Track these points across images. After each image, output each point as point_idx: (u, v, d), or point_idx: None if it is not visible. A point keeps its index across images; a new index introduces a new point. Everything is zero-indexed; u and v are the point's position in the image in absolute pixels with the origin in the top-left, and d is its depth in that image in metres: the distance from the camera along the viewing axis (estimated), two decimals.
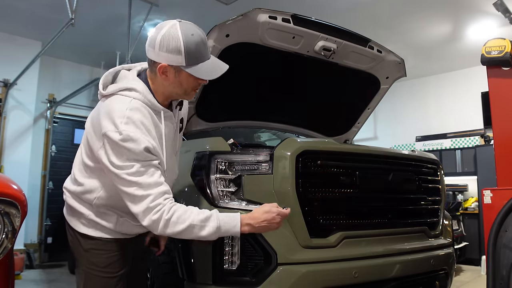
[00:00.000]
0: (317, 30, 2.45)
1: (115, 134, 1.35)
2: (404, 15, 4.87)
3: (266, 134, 3.82)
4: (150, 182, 1.37)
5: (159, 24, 1.47)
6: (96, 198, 1.51)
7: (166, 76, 1.45)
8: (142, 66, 1.58)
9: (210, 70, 1.46)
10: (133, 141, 1.35)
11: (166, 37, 1.39)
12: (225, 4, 4.49)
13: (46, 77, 6.11)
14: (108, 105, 1.44)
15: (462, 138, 6.29)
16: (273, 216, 1.47)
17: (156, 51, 1.41)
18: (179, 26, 1.41)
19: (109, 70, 1.57)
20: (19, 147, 5.55)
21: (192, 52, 1.40)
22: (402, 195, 2.29)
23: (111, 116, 1.38)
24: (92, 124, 1.49)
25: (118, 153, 1.36)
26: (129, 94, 1.45)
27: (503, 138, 2.69)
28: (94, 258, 1.54)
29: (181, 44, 1.39)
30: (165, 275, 1.98)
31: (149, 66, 1.49)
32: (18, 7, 4.72)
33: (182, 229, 1.37)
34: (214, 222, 1.40)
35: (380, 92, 3.10)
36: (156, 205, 1.35)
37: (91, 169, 1.51)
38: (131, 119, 1.38)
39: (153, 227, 1.37)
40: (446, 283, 2.35)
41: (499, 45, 2.63)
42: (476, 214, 5.79)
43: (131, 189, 1.36)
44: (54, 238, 6.00)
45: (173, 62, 1.41)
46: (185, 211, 1.39)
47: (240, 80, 2.50)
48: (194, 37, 1.41)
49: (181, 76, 1.45)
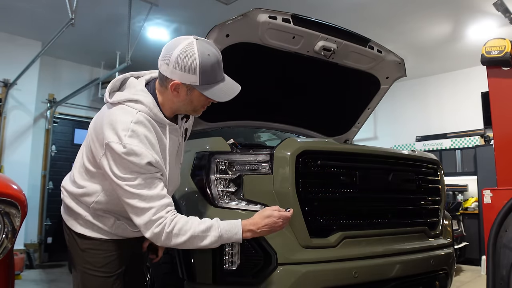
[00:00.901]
0: (317, 30, 2.45)
1: (118, 146, 1.34)
2: (404, 15, 4.87)
3: (266, 134, 3.82)
4: (152, 194, 1.37)
5: (174, 39, 1.43)
6: (94, 202, 1.51)
7: (177, 93, 1.43)
8: (151, 75, 1.56)
9: (223, 92, 1.44)
10: (137, 156, 1.34)
11: (182, 55, 1.36)
12: (225, 4, 4.49)
13: (46, 77, 6.11)
14: (113, 114, 1.41)
15: (462, 138, 6.29)
16: (274, 220, 1.47)
17: (170, 68, 1.38)
18: (196, 45, 1.38)
19: (118, 77, 1.55)
20: (19, 147, 5.55)
21: (207, 72, 1.38)
22: (402, 195, 2.29)
23: (115, 127, 1.37)
24: (95, 129, 1.47)
25: (120, 165, 1.36)
26: (135, 106, 1.42)
27: (503, 138, 2.69)
28: (90, 258, 1.54)
29: (197, 64, 1.36)
30: (165, 275, 1.98)
31: (160, 79, 1.46)
32: (18, 7, 4.72)
33: (184, 240, 1.38)
34: (215, 231, 1.41)
35: (380, 92, 3.10)
36: (158, 218, 1.36)
37: (91, 174, 1.51)
38: (136, 132, 1.37)
39: (155, 239, 1.38)
40: (446, 283, 2.35)
41: (499, 45, 2.63)
42: (476, 214, 5.79)
43: (133, 201, 1.36)
44: (54, 238, 6.01)
45: (187, 81, 1.38)
46: (186, 222, 1.39)
47: (240, 80, 2.49)
48: (210, 58, 1.38)
49: (193, 94, 1.44)
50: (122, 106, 1.43)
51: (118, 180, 1.36)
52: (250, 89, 2.74)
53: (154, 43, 5.68)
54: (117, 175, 1.36)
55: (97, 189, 1.50)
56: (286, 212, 1.50)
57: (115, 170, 1.36)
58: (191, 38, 1.41)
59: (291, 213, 1.51)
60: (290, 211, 1.52)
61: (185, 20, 5.05)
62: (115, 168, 1.36)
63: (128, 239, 1.62)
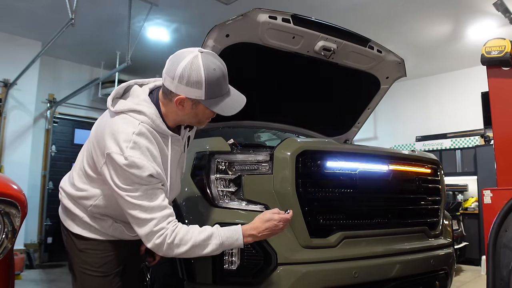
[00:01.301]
0: (317, 30, 2.45)
1: (119, 157, 1.33)
2: (404, 15, 4.87)
3: (266, 134, 3.82)
4: (154, 206, 1.37)
5: (179, 52, 1.41)
6: (92, 205, 1.51)
7: (182, 107, 1.41)
8: (155, 84, 1.54)
9: (229, 106, 1.43)
10: (138, 168, 1.33)
11: (187, 70, 1.34)
12: (225, 4, 4.49)
13: (46, 77, 6.11)
14: (115, 124, 1.40)
15: (462, 138, 6.29)
16: (275, 223, 1.48)
17: (175, 82, 1.36)
18: (201, 59, 1.35)
19: (122, 84, 1.53)
20: (19, 147, 5.54)
21: (213, 87, 1.36)
22: (402, 195, 2.29)
23: (117, 137, 1.36)
24: (96, 136, 1.46)
25: (121, 176, 1.35)
26: (137, 117, 1.41)
27: (503, 138, 2.69)
28: (88, 258, 1.54)
29: (203, 78, 1.34)
30: (165, 275, 1.98)
31: (164, 92, 1.44)
32: (18, 7, 4.72)
33: (185, 250, 1.38)
34: (216, 239, 1.41)
35: (380, 92, 3.10)
36: (159, 229, 1.36)
37: (91, 178, 1.50)
38: (138, 144, 1.36)
39: (157, 250, 1.39)
40: (446, 283, 2.35)
41: (499, 45, 2.62)
42: (476, 214, 5.79)
43: (135, 211, 1.36)
44: (54, 238, 6.00)
45: (192, 96, 1.37)
46: (186, 232, 1.39)
47: (240, 80, 2.49)
48: (216, 72, 1.37)
49: (198, 108, 1.43)
50: (124, 116, 1.42)
51: (119, 190, 1.36)
52: (250, 89, 2.75)
53: (154, 43, 5.68)
54: (118, 186, 1.36)
55: (96, 193, 1.50)
56: (286, 214, 1.50)
57: (116, 181, 1.36)
58: (196, 51, 1.38)
59: (290, 215, 1.51)
60: (290, 212, 1.52)
61: (185, 20, 5.05)
62: (116, 179, 1.36)
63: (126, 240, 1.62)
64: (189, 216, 1.90)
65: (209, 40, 2.23)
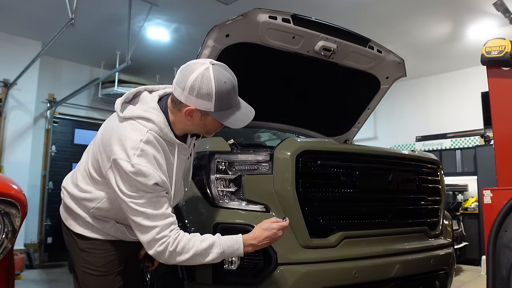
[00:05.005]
0: (317, 30, 2.45)
1: (126, 164, 1.33)
2: (404, 15, 4.87)
3: (266, 134, 3.82)
4: (157, 214, 1.37)
5: (190, 62, 1.41)
6: (95, 208, 1.51)
7: (191, 117, 1.42)
8: (165, 91, 1.54)
9: (238, 119, 1.44)
10: (144, 176, 1.34)
11: (198, 82, 1.34)
12: (225, 4, 4.49)
13: (46, 77, 6.11)
14: (123, 130, 1.40)
15: (462, 138, 6.29)
16: (274, 232, 1.49)
17: (185, 93, 1.36)
18: (212, 71, 1.36)
19: (132, 90, 1.53)
20: (19, 147, 5.54)
21: (223, 100, 1.37)
22: (402, 195, 2.29)
23: (124, 143, 1.36)
24: (102, 140, 1.45)
25: (127, 182, 1.35)
26: (146, 125, 1.41)
27: (503, 138, 2.68)
28: (90, 258, 1.55)
29: (213, 91, 1.34)
30: (165, 275, 1.98)
31: (173, 102, 1.43)
32: (18, 7, 4.72)
33: (187, 258, 1.39)
34: (217, 248, 1.42)
35: (380, 92, 3.10)
36: (162, 237, 1.36)
37: (95, 180, 1.51)
38: (145, 152, 1.36)
39: (158, 257, 1.39)
40: (446, 283, 2.35)
41: (499, 45, 2.62)
42: (476, 214, 5.79)
43: (138, 218, 1.36)
44: (54, 238, 6.00)
45: (201, 107, 1.37)
46: (188, 241, 1.39)
47: (240, 80, 2.49)
48: (226, 85, 1.37)
49: (207, 119, 1.43)
50: (132, 122, 1.41)
51: (123, 196, 1.36)
52: (250, 89, 2.76)
53: (154, 43, 5.68)
54: (123, 192, 1.36)
55: (99, 196, 1.50)
56: (284, 222, 1.52)
57: (121, 187, 1.36)
58: (207, 62, 1.38)
59: (287, 222, 1.53)
60: (287, 220, 1.54)
61: (185, 20, 5.05)
62: (121, 185, 1.36)
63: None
64: (189, 216, 1.91)
65: (209, 40, 2.23)
